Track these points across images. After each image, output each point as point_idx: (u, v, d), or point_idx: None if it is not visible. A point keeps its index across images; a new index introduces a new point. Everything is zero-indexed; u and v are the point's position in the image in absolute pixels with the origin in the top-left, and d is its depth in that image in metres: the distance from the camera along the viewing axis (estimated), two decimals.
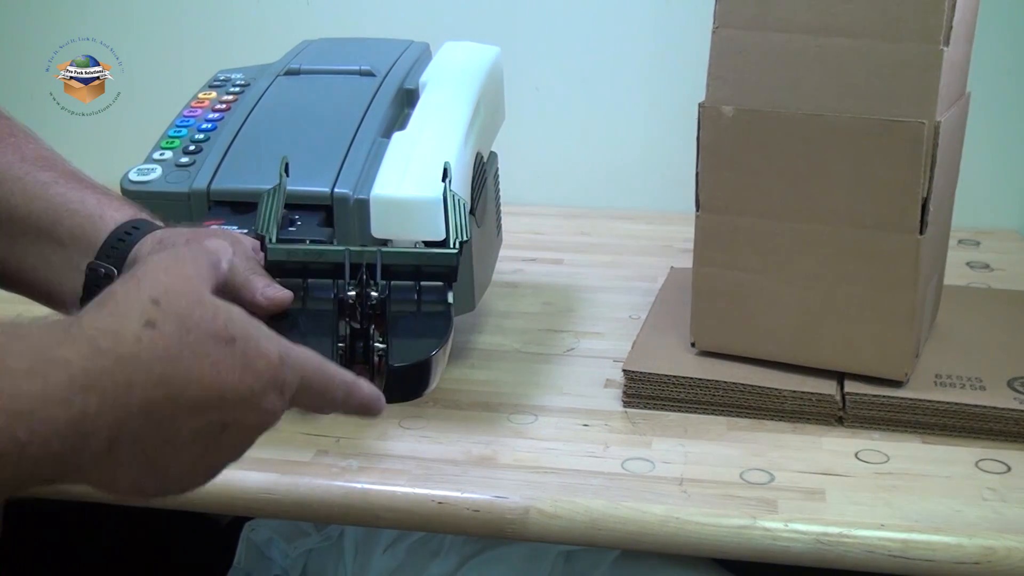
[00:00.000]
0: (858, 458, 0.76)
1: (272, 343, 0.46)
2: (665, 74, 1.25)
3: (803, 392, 0.80)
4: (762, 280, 0.82)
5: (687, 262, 0.86)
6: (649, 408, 0.83)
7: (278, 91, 0.88)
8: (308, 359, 0.49)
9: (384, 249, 0.68)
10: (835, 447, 0.77)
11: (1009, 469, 0.74)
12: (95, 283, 0.63)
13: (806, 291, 0.80)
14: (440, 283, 0.68)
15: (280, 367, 0.46)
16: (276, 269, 0.66)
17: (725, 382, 0.81)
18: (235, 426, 0.45)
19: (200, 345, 0.43)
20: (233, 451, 0.46)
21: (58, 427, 0.39)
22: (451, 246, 0.70)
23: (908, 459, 0.76)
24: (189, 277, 0.45)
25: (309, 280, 0.67)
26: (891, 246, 0.77)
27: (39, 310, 0.67)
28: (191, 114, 0.87)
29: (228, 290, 0.58)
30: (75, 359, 0.39)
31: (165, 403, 0.42)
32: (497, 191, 0.96)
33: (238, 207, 0.78)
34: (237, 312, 0.46)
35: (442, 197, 0.72)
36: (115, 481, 0.42)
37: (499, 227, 0.98)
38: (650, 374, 0.83)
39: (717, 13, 0.78)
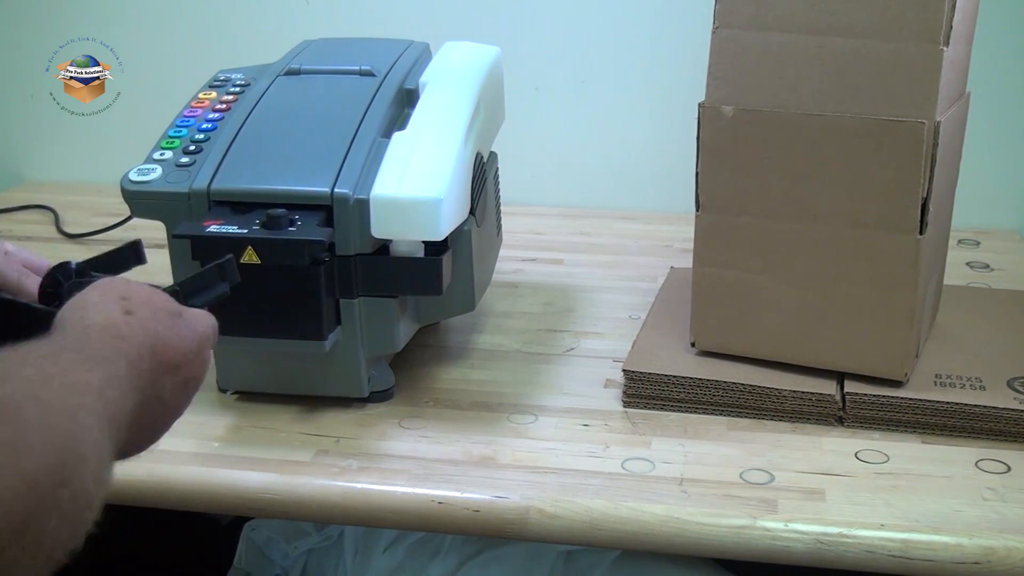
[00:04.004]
0: (858, 458, 0.76)
1: (198, 311, 0.58)
2: (665, 74, 1.25)
3: (803, 392, 0.80)
4: (762, 280, 0.82)
5: (687, 262, 0.86)
6: (649, 408, 0.83)
7: (278, 91, 0.88)
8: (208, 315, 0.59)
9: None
10: (835, 447, 0.77)
11: (1009, 469, 0.74)
12: None
13: (806, 291, 0.80)
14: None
15: (210, 327, 0.58)
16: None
17: (725, 382, 0.81)
18: (192, 380, 0.55)
19: (164, 321, 0.54)
20: (186, 403, 0.55)
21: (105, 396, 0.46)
22: None
23: (908, 459, 0.76)
24: (118, 281, 0.56)
25: None
26: (891, 246, 0.77)
27: None
28: (191, 114, 0.87)
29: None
30: (110, 381, 0.47)
31: (155, 367, 0.51)
32: (497, 191, 0.96)
33: (238, 207, 0.78)
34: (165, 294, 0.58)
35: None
36: (126, 446, 0.48)
37: (499, 227, 0.98)
38: (650, 374, 0.83)
39: (717, 13, 0.78)
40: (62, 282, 0.62)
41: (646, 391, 0.83)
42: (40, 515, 0.37)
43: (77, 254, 0.66)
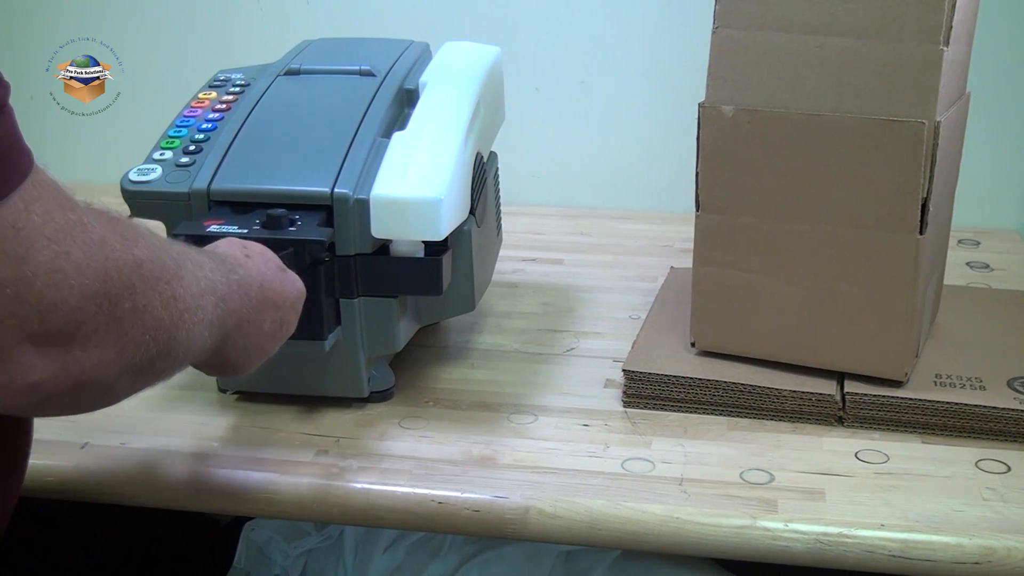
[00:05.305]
0: (858, 458, 0.76)
1: (295, 274, 0.69)
2: (665, 74, 1.25)
3: (803, 392, 0.80)
4: (762, 280, 0.82)
5: (687, 262, 0.86)
6: (649, 408, 0.83)
7: (278, 91, 0.88)
8: None
9: None
10: (835, 447, 0.77)
11: (1009, 469, 0.74)
12: None
13: (806, 291, 0.80)
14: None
15: (303, 288, 0.69)
16: None
17: (725, 382, 0.81)
18: (286, 324, 0.67)
19: (273, 269, 0.67)
20: (276, 344, 0.67)
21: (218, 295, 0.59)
22: None
23: (908, 459, 0.76)
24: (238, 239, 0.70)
25: None
26: (891, 246, 0.77)
27: None
28: (191, 114, 0.87)
29: None
30: (216, 269, 0.59)
31: (260, 301, 0.64)
32: (497, 191, 0.96)
33: (238, 207, 0.78)
34: None
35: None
36: (229, 356, 0.63)
37: (499, 227, 0.98)
38: (650, 374, 0.83)
39: (717, 13, 0.78)
40: None
41: (646, 391, 0.83)
42: (146, 290, 0.50)
43: None
